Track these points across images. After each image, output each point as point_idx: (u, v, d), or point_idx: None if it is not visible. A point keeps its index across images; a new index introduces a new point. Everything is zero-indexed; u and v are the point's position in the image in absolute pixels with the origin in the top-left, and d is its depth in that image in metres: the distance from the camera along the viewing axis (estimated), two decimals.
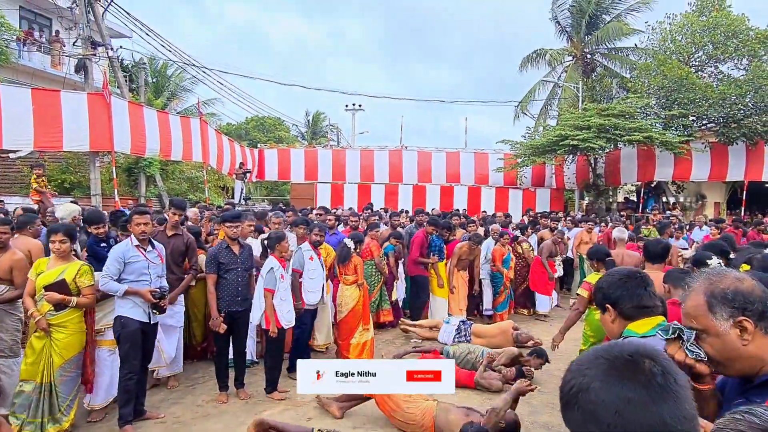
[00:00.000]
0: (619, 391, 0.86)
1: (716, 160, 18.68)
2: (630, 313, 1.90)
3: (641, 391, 0.86)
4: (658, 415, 0.85)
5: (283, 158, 23.88)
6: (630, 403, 0.85)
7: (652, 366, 0.90)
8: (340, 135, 42.70)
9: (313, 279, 5.94)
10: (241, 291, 5.25)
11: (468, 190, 21.98)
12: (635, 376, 0.88)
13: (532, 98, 27.20)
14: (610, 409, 0.86)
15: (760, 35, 17.66)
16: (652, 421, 0.84)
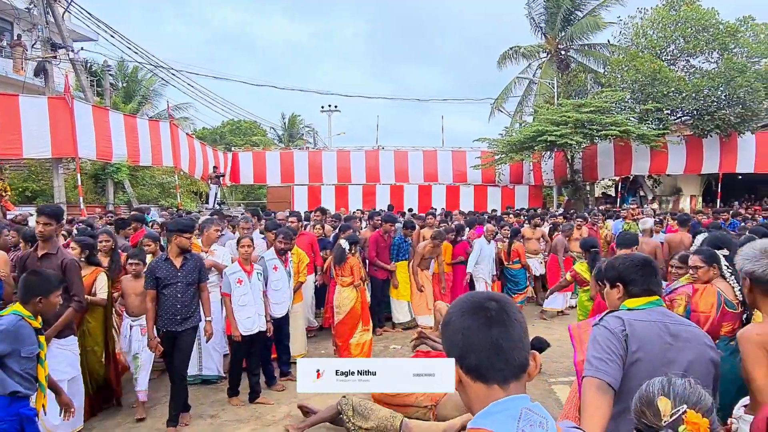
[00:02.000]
0: (464, 320, 1.19)
1: (691, 153, 18.82)
2: (636, 294, 2.18)
3: (479, 320, 1.17)
4: (489, 336, 1.16)
5: (258, 161, 23.45)
6: (469, 328, 1.18)
7: (491, 305, 1.20)
8: (317, 137, 42.28)
9: (278, 290, 5.61)
10: (181, 309, 4.60)
11: (446, 189, 21.80)
12: (478, 311, 1.19)
13: (507, 95, 27.17)
14: (458, 332, 1.19)
15: (729, 28, 17.79)
16: (485, 340, 1.16)
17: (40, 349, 3.04)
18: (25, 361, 2.93)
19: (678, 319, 2.16)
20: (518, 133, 20.39)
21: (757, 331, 2.14)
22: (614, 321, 2.06)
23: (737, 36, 17.75)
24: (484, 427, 1.09)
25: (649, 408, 1.33)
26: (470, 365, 1.16)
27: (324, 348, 6.97)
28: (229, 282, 5.00)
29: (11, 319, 2.90)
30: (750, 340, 2.10)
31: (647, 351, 1.98)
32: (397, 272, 8.02)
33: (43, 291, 3.07)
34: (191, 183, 20.45)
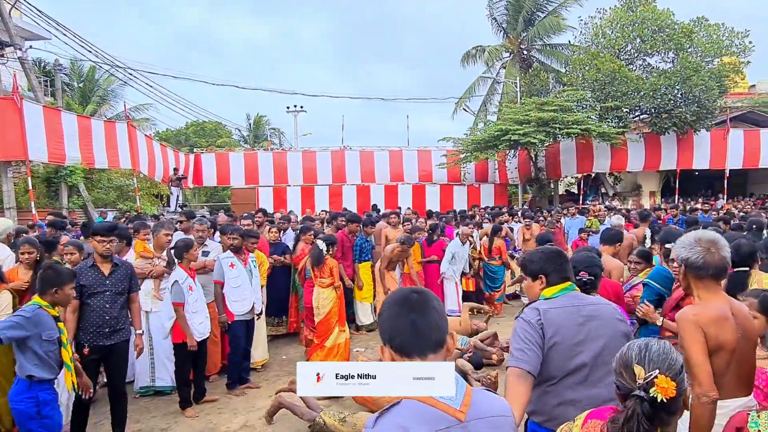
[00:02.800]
0: (390, 308, 1.44)
1: (650, 150, 19.29)
2: (554, 283, 2.37)
3: (401, 307, 1.42)
4: (410, 319, 1.39)
5: (221, 163, 22.98)
6: (395, 315, 1.41)
7: (413, 296, 1.44)
8: (283, 138, 41.78)
9: (237, 287, 5.43)
10: (110, 321, 4.19)
11: (412, 189, 21.79)
12: (403, 301, 1.43)
13: (471, 94, 27.36)
14: (386, 318, 1.44)
15: (684, 29, 18.29)
16: (405, 323, 1.39)
17: (61, 333, 3.43)
18: (47, 344, 3.32)
19: (589, 300, 2.39)
20: (483, 132, 20.54)
21: (693, 312, 2.29)
22: (531, 312, 2.28)
23: (692, 36, 18.26)
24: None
25: (626, 371, 1.52)
26: (396, 345, 1.41)
27: (285, 353, 6.80)
28: (181, 290, 4.78)
29: (32, 307, 3.34)
30: (687, 320, 2.26)
31: (563, 335, 2.19)
32: (361, 273, 7.88)
33: (58, 283, 3.43)
34: (152, 186, 19.85)
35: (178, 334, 4.86)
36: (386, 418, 1.31)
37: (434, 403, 1.31)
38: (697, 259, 2.32)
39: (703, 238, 2.35)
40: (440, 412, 1.30)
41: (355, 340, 7.45)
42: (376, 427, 1.31)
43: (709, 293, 2.34)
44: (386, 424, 1.30)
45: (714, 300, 2.32)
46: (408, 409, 1.31)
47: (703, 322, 2.22)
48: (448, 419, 1.30)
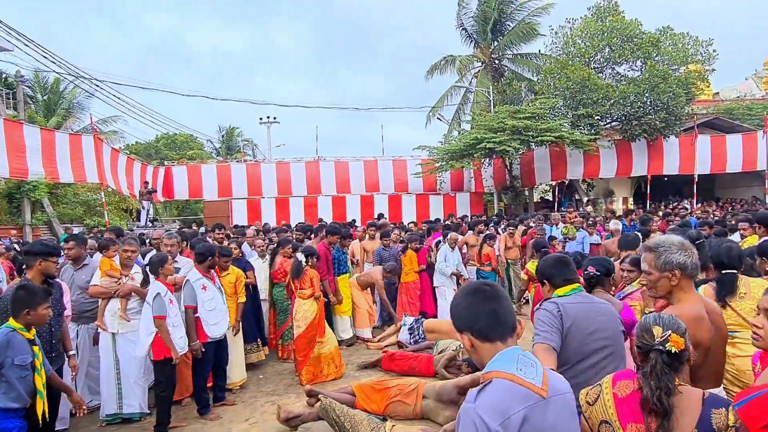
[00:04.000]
0: (468, 299, 1.71)
1: (621, 157, 19.57)
2: (559, 285, 2.78)
3: (479, 298, 1.69)
4: (490, 308, 1.66)
5: (193, 175, 22.51)
6: (474, 304, 1.68)
7: (487, 288, 1.73)
8: (256, 149, 41.32)
9: (212, 310, 5.21)
10: (56, 344, 4.03)
11: (388, 199, 21.66)
12: (478, 292, 1.71)
13: (444, 103, 27.46)
14: (466, 309, 1.69)
15: (651, 38, 18.69)
16: (485, 311, 1.65)
17: (35, 358, 3.25)
18: (20, 369, 3.15)
19: (596, 300, 2.77)
20: (457, 140, 20.57)
21: (675, 313, 2.31)
22: (550, 305, 2.63)
23: (658, 45, 18.66)
24: (495, 369, 1.58)
25: (647, 333, 1.93)
26: (478, 330, 1.65)
27: (262, 372, 6.52)
28: (163, 303, 4.61)
29: (2, 332, 3.18)
30: None
31: (577, 324, 2.54)
32: (339, 286, 7.65)
33: (29, 304, 3.27)
34: (120, 200, 19.30)
35: (160, 350, 4.64)
36: (485, 395, 1.51)
37: (522, 381, 1.54)
38: (692, 261, 2.46)
39: (684, 243, 2.50)
40: (528, 390, 1.53)
41: None
42: (478, 402, 1.50)
43: (687, 294, 2.48)
44: (486, 400, 1.50)
45: (690, 300, 2.47)
46: (502, 387, 1.53)
47: (687, 321, 2.26)
48: (535, 397, 1.53)
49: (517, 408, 1.48)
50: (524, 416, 1.49)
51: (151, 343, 4.62)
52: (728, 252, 3.28)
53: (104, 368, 4.88)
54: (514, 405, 1.49)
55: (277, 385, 6.02)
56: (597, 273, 3.45)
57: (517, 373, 1.55)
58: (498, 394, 1.51)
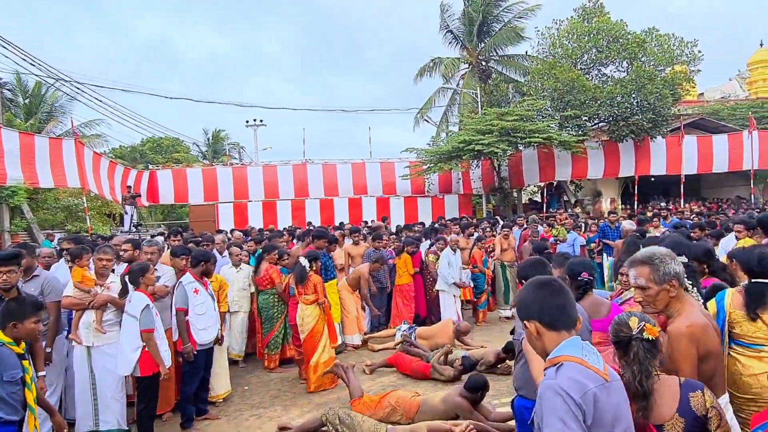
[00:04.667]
0: (537, 292, 1.93)
1: (609, 158, 19.58)
2: None
3: (549, 292, 1.91)
4: (560, 302, 1.88)
5: (179, 179, 22.16)
6: (543, 297, 1.90)
7: (554, 282, 1.99)
8: (243, 152, 40.93)
9: (203, 314, 5.13)
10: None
11: (376, 201, 21.50)
12: (546, 287, 1.94)
13: (432, 105, 27.37)
14: (535, 301, 1.91)
15: (637, 39, 18.72)
16: (554, 303, 1.87)
17: (24, 373, 3.13)
18: (9, 385, 3.02)
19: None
20: (445, 142, 20.47)
21: (686, 324, 2.34)
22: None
23: (644, 46, 18.70)
24: (562, 353, 1.77)
25: (625, 326, 2.14)
26: (546, 321, 1.85)
27: (247, 383, 6.30)
28: (151, 316, 4.46)
29: None
30: (681, 334, 2.32)
31: None
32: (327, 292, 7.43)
33: (17, 317, 3.15)
34: (103, 205, 18.91)
35: (148, 366, 4.45)
36: (563, 372, 1.72)
37: (588, 365, 1.74)
38: (683, 270, 2.46)
39: (672, 252, 2.49)
40: (594, 373, 1.73)
41: None
42: (559, 378, 1.70)
43: (684, 304, 2.43)
44: (565, 376, 1.70)
45: (691, 310, 2.42)
46: (575, 367, 1.72)
47: (697, 333, 2.32)
48: (600, 379, 1.73)
49: (591, 386, 1.69)
50: (595, 394, 1.69)
51: (138, 360, 4.40)
52: (760, 259, 2.96)
53: (79, 384, 4.64)
54: (588, 383, 1.69)
55: (263, 397, 5.82)
56: (590, 278, 3.55)
57: (584, 358, 1.76)
58: (573, 372, 1.71)
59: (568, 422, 1.61)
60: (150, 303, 4.50)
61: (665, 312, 2.46)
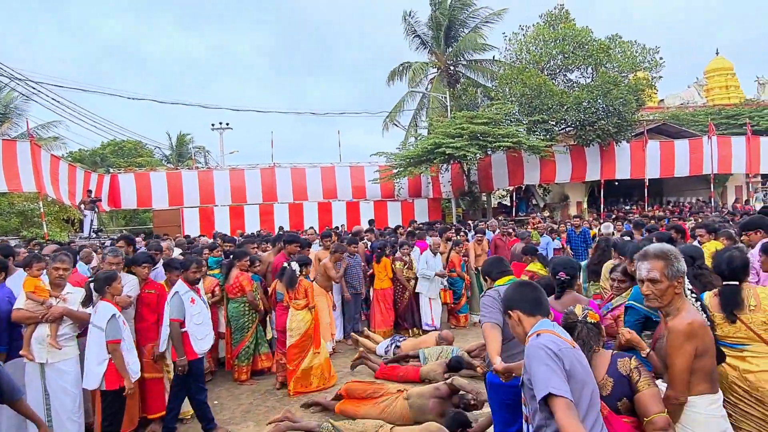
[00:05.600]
0: (518, 289, 2.57)
1: (576, 162, 19.88)
2: (497, 277, 3.64)
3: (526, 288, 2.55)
4: (536, 294, 2.49)
5: (142, 183, 21.47)
6: (521, 291, 2.53)
7: (531, 282, 2.67)
8: (209, 156, 40.09)
9: (201, 324, 5.03)
10: None
11: (346, 205, 21.29)
12: (525, 285, 2.62)
13: (401, 109, 27.36)
14: (515, 294, 2.53)
15: (602, 45, 19.08)
16: (532, 297, 2.47)
17: None
18: None
19: None
20: (415, 146, 20.43)
21: (687, 321, 2.42)
22: (492, 292, 3.42)
23: (609, 52, 19.07)
24: (540, 328, 2.29)
25: (572, 313, 2.61)
26: (526, 309, 2.43)
27: (216, 397, 6.00)
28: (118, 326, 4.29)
29: None
30: (681, 331, 2.42)
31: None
32: None
33: None
34: (60, 210, 18.14)
35: (114, 379, 4.24)
36: (542, 337, 2.20)
37: (561, 336, 2.24)
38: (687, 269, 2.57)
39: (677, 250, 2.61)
40: (564, 341, 2.21)
41: None
42: (539, 340, 2.18)
43: (684, 302, 2.52)
44: (544, 338, 2.18)
45: (690, 308, 2.51)
46: (550, 336, 2.20)
47: (698, 330, 2.41)
48: (569, 345, 2.20)
49: (563, 346, 2.17)
50: (569, 354, 2.15)
51: (104, 373, 4.18)
52: (729, 261, 3.05)
53: (32, 404, 4.29)
54: (561, 344, 2.18)
55: (234, 413, 5.53)
56: (567, 277, 3.79)
57: (556, 330, 2.29)
58: (550, 337, 2.20)
59: (551, 365, 2.07)
60: (117, 312, 4.30)
61: (666, 308, 2.52)
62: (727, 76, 32.42)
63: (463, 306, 9.26)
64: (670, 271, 2.46)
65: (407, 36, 26.91)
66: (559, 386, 2.00)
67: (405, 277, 8.77)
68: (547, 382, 2.02)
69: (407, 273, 8.84)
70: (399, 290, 8.80)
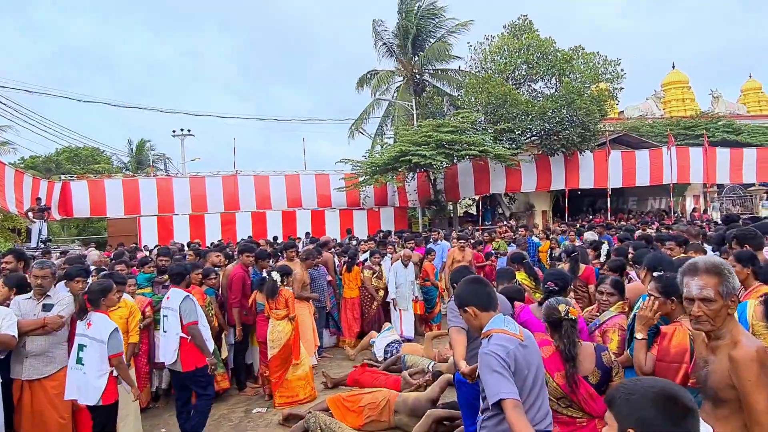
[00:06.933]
0: (470, 285, 2.74)
1: (541, 171, 20.00)
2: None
3: (478, 285, 2.74)
4: (487, 290, 2.70)
5: (96, 191, 20.50)
6: (473, 287, 2.71)
7: (481, 279, 2.89)
8: (170, 164, 38.97)
9: (205, 327, 5.01)
10: None
11: (311, 214, 20.85)
12: (477, 280, 2.83)
13: (367, 117, 27.15)
14: (467, 290, 2.72)
15: (565, 56, 19.31)
16: (484, 293, 2.67)
17: None
18: None
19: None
20: (381, 154, 20.20)
21: (755, 347, 2.03)
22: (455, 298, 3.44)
23: (572, 63, 19.31)
24: (491, 328, 2.51)
25: (555, 310, 2.99)
26: (479, 304, 2.63)
27: (165, 425, 5.50)
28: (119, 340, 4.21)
29: None
30: (753, 360, 1.98)
31: None
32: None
33: None
34: (6, 218, 17.13)
35: (110, 393, 4.14)
36: (492, 341, 2.43)
37: (508, 333, 2.47)
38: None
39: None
40: (513, 337, 2.46)
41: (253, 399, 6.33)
42: (490, 346, 2.41)
43: (738, 324, 2.23)
44: (494, 343, 2.41)
45: (743, 330, 2.25)
46: (500, 336, 2.45)
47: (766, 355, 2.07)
48: (517, 341, 2.45)
49: (511, 347, 2.38)
50: (515, 352, 2.37)
51: (105, 387, 4.08)
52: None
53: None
54: (509, 345, 2.38)
55: None
56: (555, 288, 3.77)
57: (505, 328, 2.48)
58: (499, 339, 2.41)
59: (500, 371, 2.30)
60: (117, 326, 4.21)
61: (717, 332, 2.13)
62: (683, 88, 33.44)
63: (436, 315, 9.16)
64: (725, 288, 2.10)
65: (376, 44, 26.86)
66: (508, 390, 2.26)
67: (374, 287, 8.54)
68: (497, 388, 2.27)
69: (376, 282, 8.62)
70: (367, 300, 8.56)
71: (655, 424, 1.33)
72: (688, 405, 1.35)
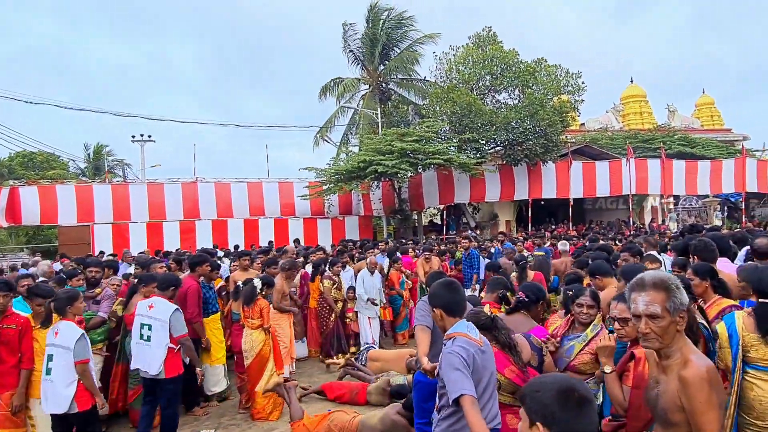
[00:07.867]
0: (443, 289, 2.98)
1: (505, 181, 20.18)
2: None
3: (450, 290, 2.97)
4: (459, 296, 2.98)
5: (46, 197, 19.57)
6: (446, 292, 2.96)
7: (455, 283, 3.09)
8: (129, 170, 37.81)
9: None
10: None
11: (274, 223, 20.44)
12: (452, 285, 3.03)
13: (332, 125, 26.95)
14: (441, 294, 2.97)
15: (528, 68, 19.59)
16: (453, 298, 2.94)
17: None
18: None
19: None
20: (345, 162, 20.03)
21: (705, 366, 1.96)
22: (424, 299, 3.60)
23: (535, 75, 19.60)
24: (455, 331, 2.75)
25: (482, 314, 3.21)
26: (448, 310, 2.88)
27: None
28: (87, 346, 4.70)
29: None
30: (704, 379, 1.92)
31: None
32: (208, 329, 6.39)
33: None
34: None
35: (84, 399, 4.26)
36: (455, 342, 2.64)
37: (470, 337, 2.69)
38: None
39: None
40: (474, 342, 2.69)
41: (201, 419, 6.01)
42: (453, 346, 2.63)
43: (688, 342, 2.18)
44: (457, 344, 2.63)
45: (693, 348, 2.16)
46: (462, 339, 2.66)
47: (715, 375, 2.03)
48: (477, 346, 2.69)
49: (472, 350, 2.63)
50: (474, 355, 2.63)
51: (74, 395, 4.18)
52: (760, 279, 2.86)
53: None
54: (470, 348, 2.64)
55: None
56: (526, 299, 3.81)
57: (468, 332, 2.74)
58: (461, 342, 2.66)
59: (461, 369, 2.51)
60: (84, 332, 4.33)
61: (666, 350, 2.03)
62: (641, 102, 34.46)
63: (401, 323, 9.21)
64: (672, 304, 2.00)
65: (345, 50, 26.75)
66: (468, 388, 2.48)
67: (333, 298, 8.29)
68: (459, 385, 2.48)
69: (335, 293, 8.35)
70: (325, 312, 8.31)
71: (557, 417, 1.51)
72: (584, 395, 1.54)
